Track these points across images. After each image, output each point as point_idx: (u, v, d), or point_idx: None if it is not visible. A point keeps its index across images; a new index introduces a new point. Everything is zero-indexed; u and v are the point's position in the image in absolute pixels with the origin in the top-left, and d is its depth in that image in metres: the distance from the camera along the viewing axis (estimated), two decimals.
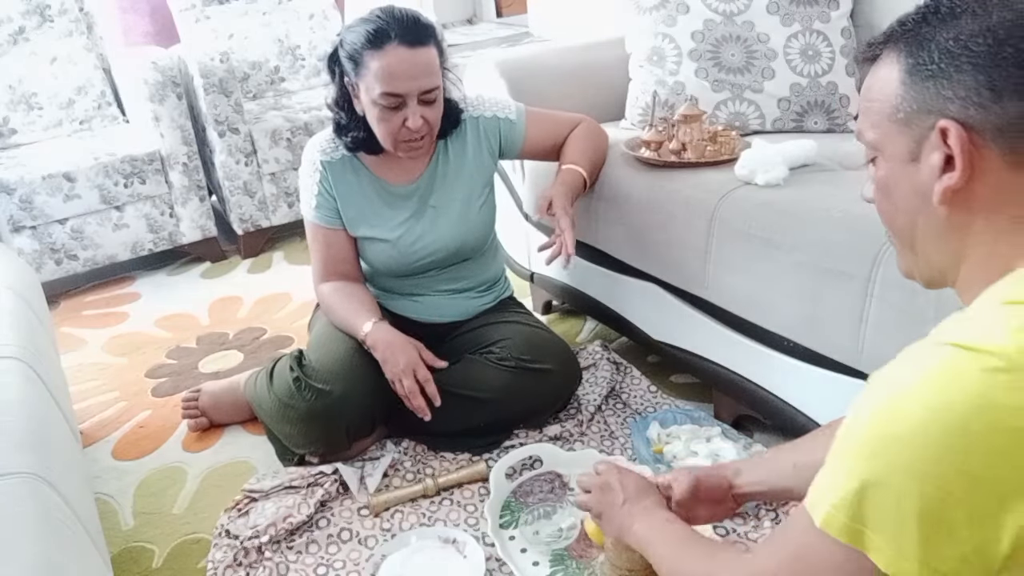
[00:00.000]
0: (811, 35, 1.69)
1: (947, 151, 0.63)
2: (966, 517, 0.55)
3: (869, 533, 0.59)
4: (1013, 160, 0.62)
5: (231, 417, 1.72)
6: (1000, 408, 0.53)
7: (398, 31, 1.37)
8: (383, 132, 1.44)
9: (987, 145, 0.62)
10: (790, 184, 1.40)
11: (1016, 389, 0.53)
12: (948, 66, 0.63)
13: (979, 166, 0.63)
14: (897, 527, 0.57)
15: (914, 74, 0.65)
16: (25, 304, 1.45)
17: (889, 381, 0.60)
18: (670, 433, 1.52)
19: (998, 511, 0.54)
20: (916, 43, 0.66)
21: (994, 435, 0.53)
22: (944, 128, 0.63)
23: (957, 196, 0.64)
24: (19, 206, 2.29)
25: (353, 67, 1.41)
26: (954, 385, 0.55)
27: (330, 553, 1.35)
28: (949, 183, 0.64)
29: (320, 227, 1.56)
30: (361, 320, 1.49)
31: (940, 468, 0.55)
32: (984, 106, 0.61)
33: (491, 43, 3.99)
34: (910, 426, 0.56)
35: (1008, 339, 0.55)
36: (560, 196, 1.51)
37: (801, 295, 1.28)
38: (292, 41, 2.95)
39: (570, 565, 1.26)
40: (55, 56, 2.64)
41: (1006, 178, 0.63)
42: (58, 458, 1.05)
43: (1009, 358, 0.54)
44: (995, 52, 0.61)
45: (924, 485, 0.55)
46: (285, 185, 2.65)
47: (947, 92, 0.63)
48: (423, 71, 1.39)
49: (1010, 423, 0.53)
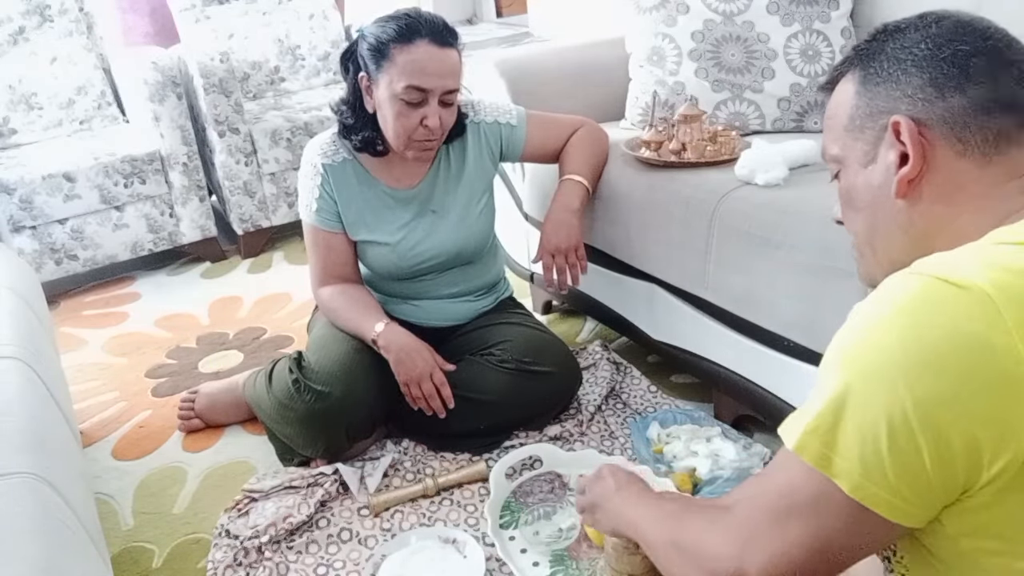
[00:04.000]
0: (811, 35, 1.69)
1: (901, 148, 0.68)
2: (931, 442, 0.56)
3: (837, 459, 0.60)
4: (961, 149, 0.67)
5: (230, 417, 1.72)
6: (970, 335, 0.56)
7: (428, 30, 1.37)
8: (398, 129, 1.42)
9: (936, 137, 0.67)
10: (790, 184, 1.40)
11: (985, 319, 0.56)
12: (896, 70, 0.69)
13: (931, 157, 0.68)
14: (863, 447, 0.59)
15: (866, 82, 0.72)
16: (25, 304, 1.45)
17: (865, 312, 0.62)
18: (670, 433, 1.52)
19: (960, 439, 0.56)
20: (868, 57, 0.73)
21: (965, 362, 0.55)
22: (896, 123, 0.68)
23: (913, 187, 0.69)
24: (19, 206, 2.29)
25: (376, 60, 1.40)
26: (927, 313, 0.58)
27: (330, 553, 1.35)
28: (904, 173, 0.68)
29: (320, 230, 1.56)
30: (371, 321, 1.49)
31: (911, 390, 0.56)
32: (930, 101, 0.67)
33: (491, 43, 3.99)
34: (884, 351, 0.59)
35: (983, 274, 0.57)
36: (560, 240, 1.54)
37: (801, 295, 1.28)
38: (292, 41, 2.95)
39: (570, 565, 1.26)
40: (55, 56, 2.64)
41: (957, 166, 0.67)
42: (58, 458, 1.05)
43: (982, 290, 0.56)
44: (934, 54, 0.68)
45: (892, 406, 0.57)
46: (285, 185, 2.65)
47: (896, 93, 0.69)
48: (449, 71, 1.39)
49: (979, 351, 0.55)
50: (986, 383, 0.55)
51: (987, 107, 0.66)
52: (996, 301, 0.56)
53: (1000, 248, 0.61)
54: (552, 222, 1.55)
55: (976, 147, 0.67)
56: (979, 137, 0.66)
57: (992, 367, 0.55)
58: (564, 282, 1.56)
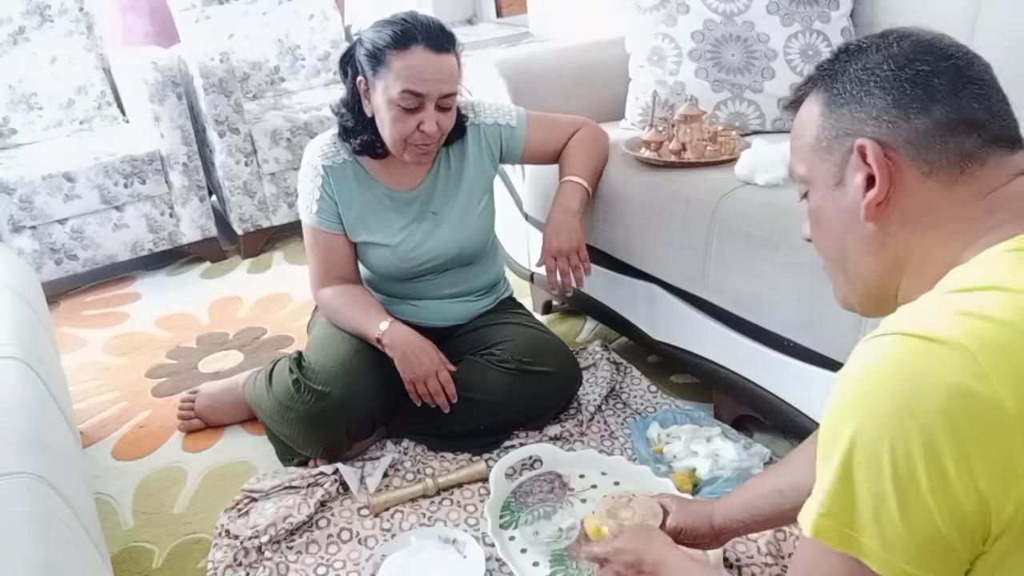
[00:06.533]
0: (811, 35, 1.69)
1: (868, 170, 0.68)
2: (940, 502, 0.56)
3: (856, 536, 0.59)
4: (927, 170, 0.67)
5: (230, 417, 1.72)
6: (953, 387, 0.55)
7: (424, 35, 1.37)
8: (394, 134, 1.42)
9: (902, 159, 0.67)
10: (790, 184, 1.40)
11: (964, 369, 0.55)
12: (859, 92, 0.69)
13: (898, 179, 0.67)
14: (879, 521, 0.58)
15: (831, 104, 0.71)
16: (25, 304, 1.45)
17: (849, 380, 0.61)
18: (670, 433, 1.52)
19: (964, 491, 0.55)
20: (831, 77, 0.72)
21: (954, 416, 0.55)
22: (861, 146, 0.68)
23: (882, 210, 0.68)
24: (19, 206, 2.29)
25: (372, 65, 1.40)
26: (910, 370, 0.57)
27: (330, 553, 1.35)
28: (871, 197, 0.68)
29: (321, 231, 1.55)
30: (375, 320, 1.49)
31: (908, 449, 0.56)
32: (894, 123, 0.67)
33: (491, 43, 3.98)
34: (876, 415, 0.58)
35: (952, 323, 0.57)
36: (562, 243, 1.53)
37: (801, 295, 1.28)
38: (292, 41, 2.95)
39: (570, 565, 1.26)
40: (55, 56, 2.64)
41: (924, 187, 0.67)
42: (58, 458, 1.05)
43: (957, 341, 0.56)
44: (896, 75, 0.68)
45: (896, 468, 0.56)
46: (285, 185, 2.65)
47: (860, 115, 0.69)
48: (446, 76, 1.39)
49: (964, 401, 0.55)
50: (978, 433, 0.55)
51: (951, 127, 0.66)
52: (971, 349, 0.55)
53: (959, 296, 0.60)
54: (553, 225, 1.55)
55: (942, 168, 0.66)
56: (944, 159, 0.66)
57: (980, 416, 0.55)
58: (568, 285, 1.55)
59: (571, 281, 1.55)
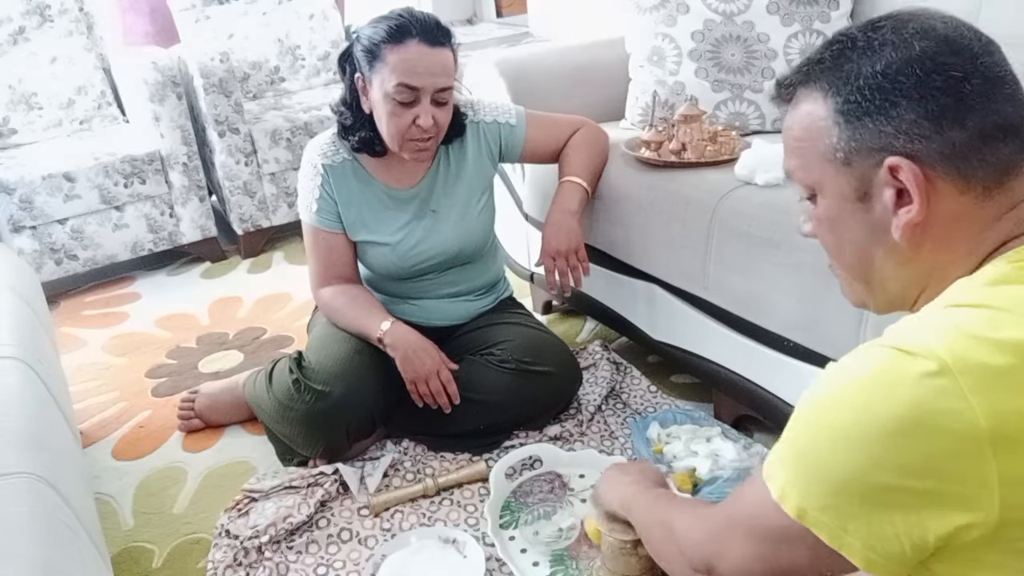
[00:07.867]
0: (811, 35, 1.69)
1: (898, 185, 0.64)
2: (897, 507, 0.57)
3: (812, 512, 0.61)
4: (963, 185, 0.63)
5: (230, 417, 1.72)
6: (923, 402, 0.55)
7: (419, 29, 1.38)
8: (392, 129, 1.43)
9: (937, 174, 0.63)
10: (790, 184, 1.39)
11: (945, 393, 0.55)
12: (882, 102, 0.63)
13: (933, 196, 0.63)
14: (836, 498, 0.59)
15: (847, 113, 0.65)
16: (25, 304, 1.45)
17: (833, 376, 0.62)
18: (670, 433, 1.52)
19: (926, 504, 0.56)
20: (840, 79, 0.66)
21: (922, 430, 0.55)
22: (894, 166, 0.63)
23: (916, 227, 0.65)
24: (19, 206, 2.29)
25: (369, 61, 1.40)
26: (883, 389, 0.57)
27: (330, 553, 1.35)
28: (909, 218, 0.64)
29: (321, 231, 1.55)
30: (376, 320, 1.49)
31: (873, 458, 0.57)
32: (927, 137, 0.62)
33: (491, 43, 3.98)
34: (836, 425, 0.59)
35: (941, 340, 0.57)
36: (561, 243, 1.53)
37: (801, 295, 1.28)
38: (292, 41, 2.95)
39: (570, 565, 1.26)
40: (55, 56, 2.64)
41: (959, 202, 0.64)
42: (58, 458, 1.05)
43: (939, 357, 0.56)
44: (925, 82, 0.62)
45: (863, 469, 0.57)
46: (285, 185, 2.65)
47: (887, 128, 0.63)
48: (441, 69, 1.39)
49: (938, 425, 0.55)
50: (945, 448, 0.55)
51: (985, 136, 0.62)
52: (952, 367, 0.55)
53: (957, 311, 0.60)
54: (552, 225, 1.55)
55: (979, 181, 0.63)
56: (981, 171, 0.63)
57: (949, 433, 0.55)
58: (567, 285, 1.55)
59: (570, 281, 1.55)
